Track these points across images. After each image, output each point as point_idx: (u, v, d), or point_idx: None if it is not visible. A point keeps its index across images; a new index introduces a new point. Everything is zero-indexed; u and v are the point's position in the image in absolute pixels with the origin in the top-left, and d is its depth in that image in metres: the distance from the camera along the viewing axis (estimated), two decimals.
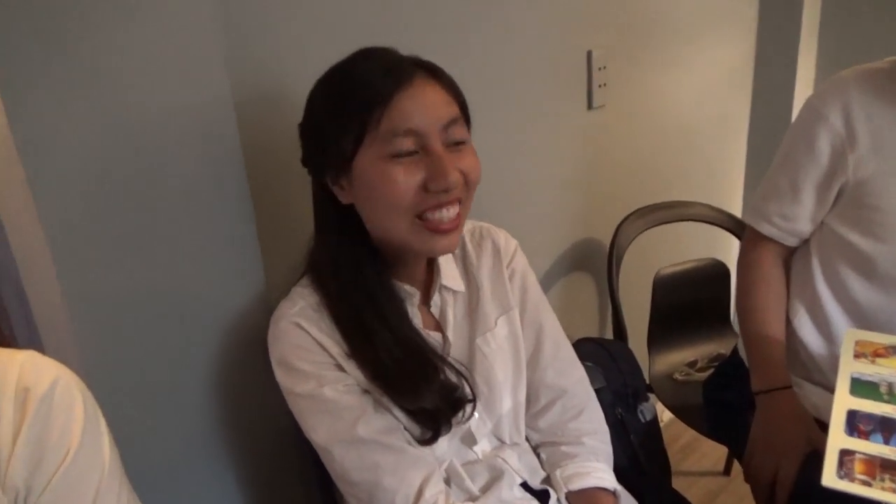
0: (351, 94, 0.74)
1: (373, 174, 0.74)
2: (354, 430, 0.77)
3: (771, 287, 1.09)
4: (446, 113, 0.75)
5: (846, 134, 0.96)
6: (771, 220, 1.07)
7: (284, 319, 0.79)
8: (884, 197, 0.96)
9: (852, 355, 0.90)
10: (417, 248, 0.78)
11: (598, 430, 0.94)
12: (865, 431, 0.78)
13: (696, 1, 1.69)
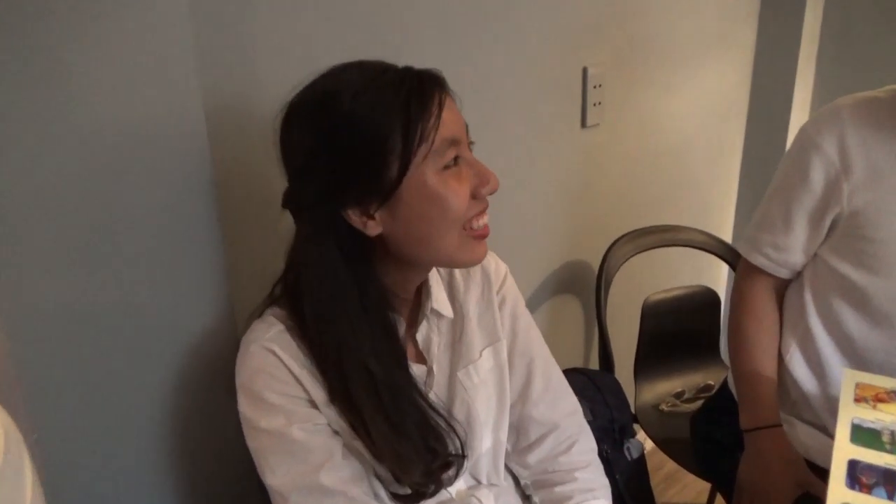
0: (391, 111, 0.67)
1: (430, 192, 0.69)
2: (317, 477, 0.70)
3: (762, 322, 1.06)
4: (463, 119, 0.73)
5: (840, 163, 0.93)
6: (763, 251, 1.04)
7: (256, 343, 0.72)
8: (879, 229, 0.93)
9: (853, 399, 0.85)
10: (465, 259, 0.75)
11: (591, 463, 0.89)
12: (868, 485, 0.73)
13: (695, 24, 1.66)
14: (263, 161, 0.76)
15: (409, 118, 0.66)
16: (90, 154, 0.69)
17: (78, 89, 0.66)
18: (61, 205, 0.68)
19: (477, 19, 1.16)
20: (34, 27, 0.63)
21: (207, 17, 0.82)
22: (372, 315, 0.73)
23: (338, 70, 0.71)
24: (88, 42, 0.66)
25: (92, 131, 0.68)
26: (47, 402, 0.70)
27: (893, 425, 0.80)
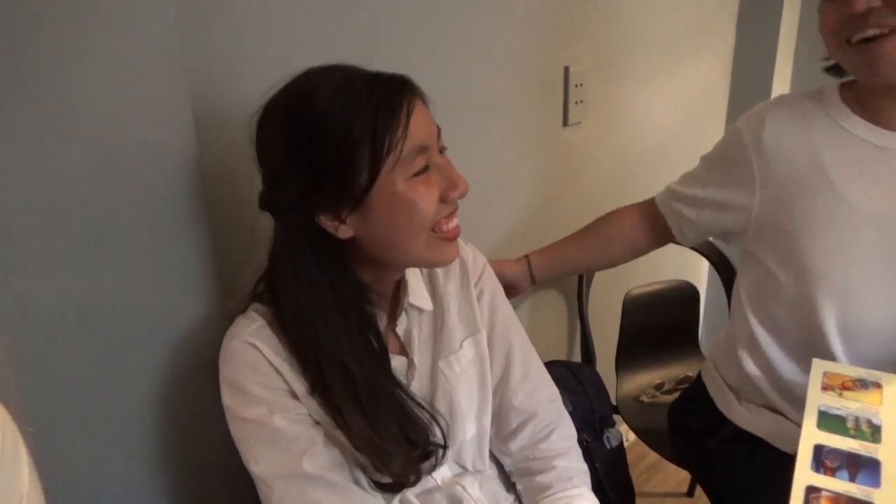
0: (360, 121, 0.68)
1: (399, 198, 0.71)
2: (300, 464, 0.73)
3: (605, 222, 1.27)
4: (435, 123, 0.75)
5: (756, 157, 0.99)
6: (668, 197, 1.16)
7: (238, 338, 0.75)
8: (791, 220, 0.97)
9: (820, 387, 0.89)
10: (433, 260, 0.78)
11: (570, 449, 0.92)
12: (832, 468, 0.76)
13: (675, 23, 1.70)
14: (250, 160, 0.78)
15: (376, 130, 0.68)
16: (81, 156, 0.70)
17: (68, 93, 0.68)
18: (53, 206, 0.69)
19: (459, 20, 1.18)
20: (26, 35, 0.64)
21: (194, 18, 0.84)
22: (347, 313, 0.75)
23: (310, 75, 0.72)
24: (79, 48, 0.67)
25: (82, 134, 0.70)
26: (41, 396, 0.72)
27: (857, 412, 0.84)
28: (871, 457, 0.77)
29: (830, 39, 0.91)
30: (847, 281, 0.96)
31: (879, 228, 0.94)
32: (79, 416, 0.76)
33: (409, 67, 0.76)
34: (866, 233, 0.94)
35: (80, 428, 0.77)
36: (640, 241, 1.23)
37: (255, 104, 0.75)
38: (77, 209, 0.71)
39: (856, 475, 0.75)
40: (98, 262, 0.74)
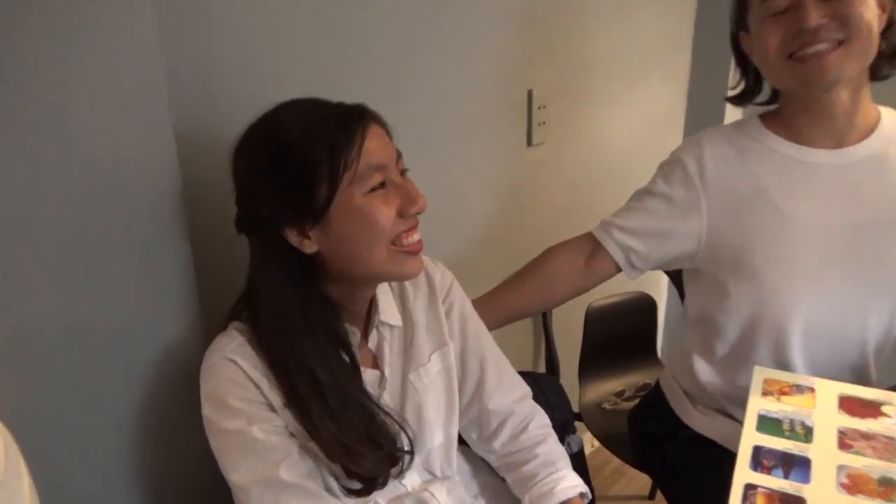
0: (319, 143, 0.75)
1: (357, 212, 0.77)
2: (277, 473, 0.77)
3: (541, 264, 1.23)
4: (393, 147, 0.81)
5: (699, 181, 1.07)
6: (608, 230, 1.17)
7: (219, 353, 0.80)
8: (737, 236, 1.06)
9: (760, 393, 0.97)
10: (396, 273, 0.82)
11: (547, 435, 0.99)
12: (768, 466, 0.83)
13: (633, 47, 1.78)
14: (231, 183, 0.83)
15: (334, 149, 0.75)
16: (65, 178, 0.74)
17: (53, 116, 0.72)
18: (38, 226, 0.73)
19: (428, 50, 1.25)
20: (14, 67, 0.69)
21: (177, 46, 0.89)
22: (316, 327, 0.81)
23: (280, 106, 0.79)
24: (64, 73, 0.72)
25: (65, 157, 0.74)
26: (25, 412, 0.76)
27: (793, 414, 0.92)
28: (804, 456, 0.84)
29: (773, 58, 0.99)
30: (789, 284, 1.05)
31: (812, 234, 1.03)
32: (59, 431, 0.80)
33: (379, 94, 0.83)
34: (802, 239, 1.03)
35: (65, 441, 0.80)
36: (580, 279, 1.20)
37: (235, 134, 0.80)
38: (60, 233, 0.75)
39: (789, 473, 0.82)
40: (80, 281, 0.78)
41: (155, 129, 0.81)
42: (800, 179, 1.04)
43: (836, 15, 0.92)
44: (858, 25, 0.92)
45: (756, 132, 1.08)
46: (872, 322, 1.06)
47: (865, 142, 1.03)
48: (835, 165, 1.03)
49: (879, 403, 0.92)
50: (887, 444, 0.85)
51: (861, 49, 0.95)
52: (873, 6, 0.94)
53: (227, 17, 0.95)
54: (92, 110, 0.75)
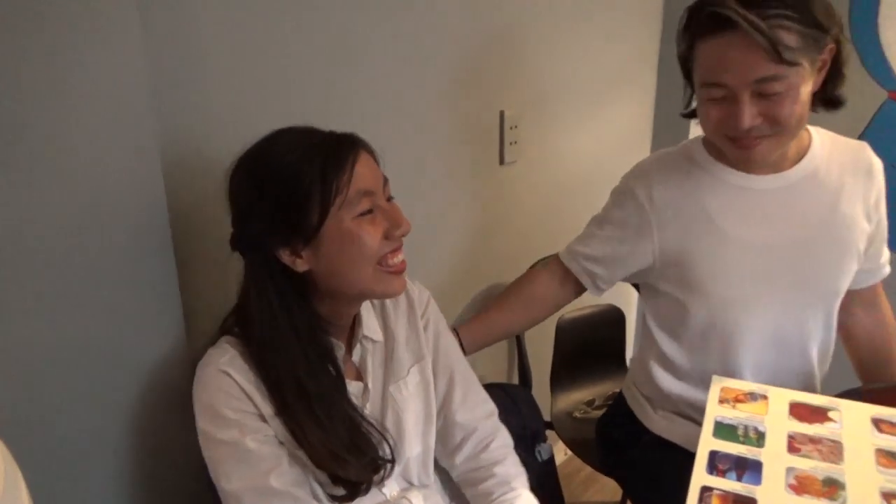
0: (312, 169, 0.80)
1: (346, 234, 0.82)
2: (267, 481, 0.82)
3: (521, 286, 1.34)
4: (381, 174, 0.87)
5: (649, 208, 1.15)
6: (574, 257, 1.26)
7: (213, 366, 0.84)
8: (684, 254, 1.14)
9: (717, 401, 1.03)
10: (380, 291, 0.88)
11: (507, 456, 1.03)
12: (723, 470, 0.90)
13: (600, 68, 1.86)
14: (219, 206, 0.87)
15: (326, 175, 0.80)
16: (54, 205, 0.78)
17: (42, 143, 0.76)
18: (27, 251, 0.77)
19: (403, 75, 1.30)
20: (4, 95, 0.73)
21: (166, 76, 0.93)
22: (304, 340, 0.86)
23: (275, 134, 0.85)
24: (54, 102, 0.76)
25: (54, 181, 0.78)
26: (17, 427, 0.79)
27: (747, 421, 0.98)
28: (756, 459, 0.91)
29: (711, 132, 1.07)
30: (734, 298, 1.13)
31: (750, 251, 1.12)
32: (54, 446, 0.83)
33: (362, 119, 0.88)
34: (745, 257, 1.12)
35: (55, 457, 0.84)
36: (559, 297, 1.33)
37: (223, 161, 0.85)
38: (52, 257, 0.79)
39: (742, 475, 0.89)
40: (68, 303, 0.81)
41: (142, 154, 0.85)
42: (741, 202, 1.12)
43: (768, 114, 0.99)
44: (787, 122, 0.99)
45: (700, 158, 1.15)
46: (810, 328, 1.15)
47: (799, 165, 1.12)
48: (773, 189, 1.11)
49: (826, 409, 0.99)
50: (832, 448, 0.92)
51: (788, 137, 1.04)
52: (804, 92, 0.99)
53: (215, 45, 0.99)
54: (81, 137, 0.79)
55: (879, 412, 0.98)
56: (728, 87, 0.99)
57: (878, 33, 1.82)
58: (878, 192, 1.15)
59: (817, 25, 0.96)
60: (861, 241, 1.13)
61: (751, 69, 0.96)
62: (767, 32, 0.93)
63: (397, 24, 1.27)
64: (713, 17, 0.96)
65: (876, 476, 0.86)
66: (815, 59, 0.99)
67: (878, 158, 1.15)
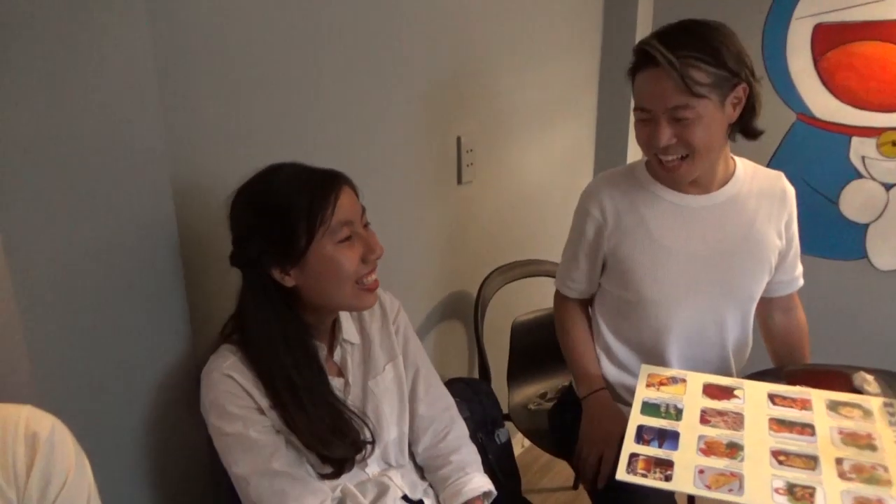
0: (301, 203, 0.95)
1: (328, 258, 0.97)
2: (270, 464, 0.97)
3: (578, 325, 1.46)
4: (360, 205, 1.03)
5: (602, 219, 1.35)
6: (567, 284, 1.45)
7: (217, 371, 0.98)
8: (624, 260, 1.34)
9: (645, 385, 1.22)
10: (357, 306, 1.04)
11: (462, 446, 1.19)
12: (647, 440, 1.08)
13: (545, 94, 2.04)
14: (222, 227, 1.02)
15: (312, 208, 0.96)
16: (84, 232, 0.91)
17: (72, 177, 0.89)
18: (64, 272, 0.90)
19: (368, 105, 1.46)
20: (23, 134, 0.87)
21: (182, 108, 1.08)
22: (294, 344, 1.01)
23: (270, 169, 1.00)
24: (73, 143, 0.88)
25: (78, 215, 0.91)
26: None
27: (668, 400, 1.17)
28: (674, 430, 1.09)
29: (644, 149, 1.28)
30: (665, 300, 1.33)
31: (679, 260, 1.31)
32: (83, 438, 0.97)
33: (336, 147, 1.04)
34: (674, 262, 1.31)
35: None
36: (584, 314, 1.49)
37: (229, 188, 1.00)
38: (80, 275, 0.92)
39: (663, 443, 1.07)
40: (94, 322, 0.95)
41: (156, 190, 1.00)
42: (673, 217, 1.32)
43: (681, 136, 1.19)
44: (698, 146, 1.19)
45: (642, 177, 1.35)
46: (728, 326, 1.36)
47: (725, 187, 1.32)
48: (701, 207, 1.32)
49: (733, 388, 1.19)
50: (736, 419, 1.11)
51: (702, 159, 1.23)
52: (713, 121, 1.18)
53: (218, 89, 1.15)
54: (103, 172, 0.92)
55: (775, 389, 1.18)
56: (650, 112, 1.20)
57: (787, 63, 2.07)
58: (789, 215, 1.35)
59: (727, 69, 1.16)
60: (773, 256, 1.34)
61: (666, 98, 1.17)
62: (679, 69, 1.14)
63: (369, 63, 1.43)
64: (643, 54, 1.19)
65: (768, 439, 1.06)
66: (726, 96, 1.19)
67: (791, 186, 1.36)
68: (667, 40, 1.16)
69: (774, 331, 1.47)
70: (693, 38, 1.16)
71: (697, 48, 1.15)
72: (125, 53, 0.91)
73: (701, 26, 1.18)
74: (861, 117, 2.00)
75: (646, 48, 1.17)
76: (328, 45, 1.33)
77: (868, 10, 1.92)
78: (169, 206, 1.02)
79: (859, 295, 2.13)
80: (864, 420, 1.10)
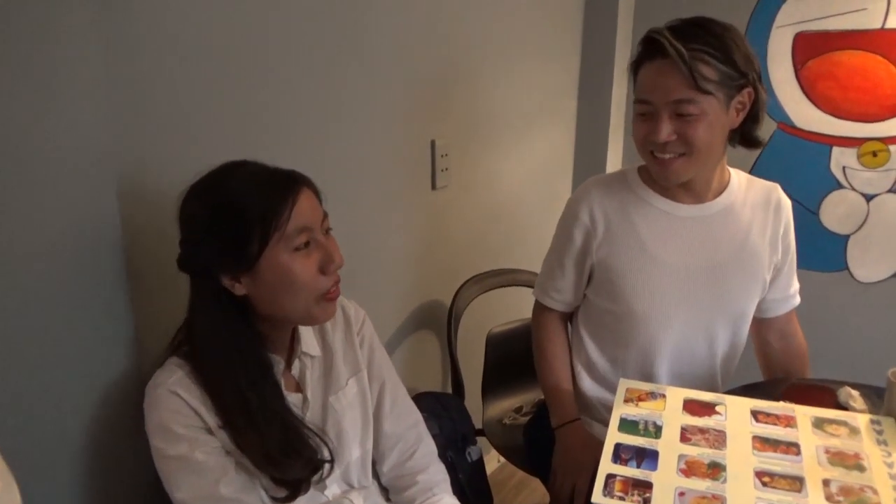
0: (255, 205, 0.88)
1: (281, 268, 0.90)
2: (217, 489, 0.89)
3: (557, 344, 1.40)
4: (321, 210, 0.96)
5: (591, 226, 1.29)
6: (549, 294, 1.38)
7: (162, 387, 0.91)
8: (612, 271, 1.28)
9: (623, 400, 1.17)
10: (316, 318, 0.96)
11: (429, 465, 1.13)
12: (625, 459, 1.02)
13: (525, 99, 2.00)
14: (172, 227, 0.94)
15: (266, 212, 0.88)
16: (19, 227, 0.84)
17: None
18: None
19: (339, 110, 1.40)
20: None
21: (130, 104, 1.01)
22: (247, 356, 0.94)
23: (224, 168, 0.93)
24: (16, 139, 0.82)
25: (17, 214, 0.84)
26: None
27: (647, 416, 1.11)
28: (653, 449, 1.04)
29: (639, 146, 1.23)
30: (655, 313, 1.27)
31: (670, 272, 1.26)
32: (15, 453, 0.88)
33: (303, 148, 0.96)
34: (666, 274, 1.26)
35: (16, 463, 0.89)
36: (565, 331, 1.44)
37: (176, 187, 0.93)
38: (10, 280, 0.85)
39: (641, 463, 1.01)
40: (30, 325, 0.87)
41: (98, 188, 0.92)
42: (665, 226, 1.27)
43: (682, 133, 1.14)
44: (698, 145, 1.15)
45: (635, 185, 1.30)
46: (719, 342, 1.31)
47: (719, 198, 1.28)
48: (695, 217, 1.27)
49: (714, 404, 1.14)
50: (717, 436, 1.06)
51: (699, 160, 1.18)
52: (716, 121, 1.14)
53: (171, 78, 1.07)
54: (40, 165, 0.85)
55: (758, 405, 1.13)
56: (652, 104, 1.15)
57: (768, 72, 2.05)
58: (786, 224, 1.31)
59: (734, 66, 1.13)
60: (767, 271, 1.30)
61: (671, 91, 1.12)
62: (688, 61, 1.10)
63: (336, 61, 1.37)
64: (651, 43, 1.14)
65: (752, 458, 1.01)
66: (731, 96, 1.15)
67: (786, 198, 1.32)
68: (677, 32, 1.13)
69: (773, 358, 1.42)
70: (704, 32, 1.13)
71: (708, 42, 1.12)
72: (70, 46, 0.85)
73: (713, 23, 1.15)
74: (842, 127, 1.98)
75: (655, 37, 1.13)
76: (293, 40, 1.27)
77: (849, 20, 1.91)
78: (112, 206, 0.94)
79: (839, 307, 2.10)
80: (850, 438, 1.05)
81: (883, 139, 1.94)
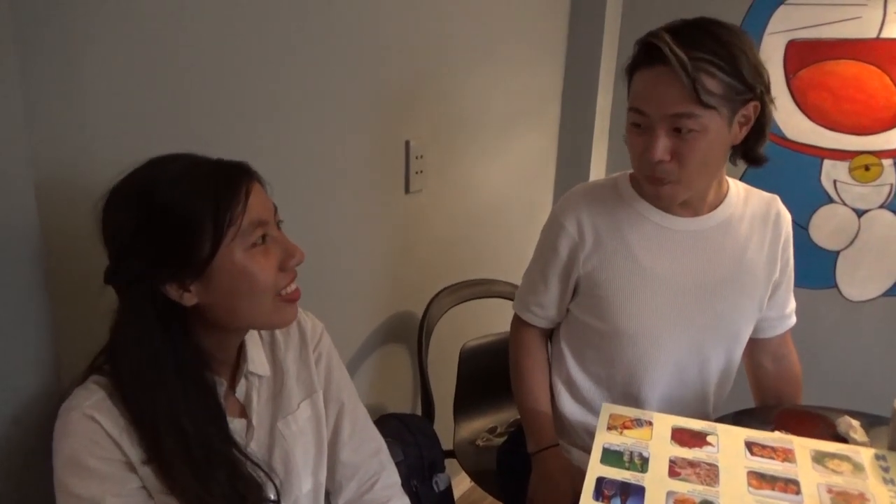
0: (203, 201, 0.76)
1: (238, 268, 0.79)
2: None
3: (536, 363, 1.29)
4: (271, 203, 0.85)
5: (578, 237, 1.19)
6: (530, 309, 1.28)
7: (77, 411, 0.77)
8: (600, 286, 1.18)
9: (606, 427, 1.06)
10: (276, 322, 0.86)
11: (391, 497, 1.01)
12: (609, 496, 0.92)
13: (506, 101, 1.91)
14: (95, 237, 0.82)
15: (218, 205, 0.77)
16: None
17: None
18: None
19: (305, 103, 1.29)
20: None
21: (42, 93, 0.88)
22: (186, 377, 0.81)
23: (156, 161, 0.80)
24: None
25: None
26: None
27: (633, 447, 1.01)
28: (639, 484, 0.94)
29: (636, 162, 1.11)
30: (645, 332, 1.17)
31: (662, 288, 1.16)
32: None
33: (260, 148, 0.86)
34: (658, 291, 1.16)
35: None
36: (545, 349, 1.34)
37: (101, 187, 0.80)
38: None
39: (626, 500, 0.91)
40: None
41: (14, 184, 0.80)
42: (658, 240, 1.17)
43: (678, 152, 1.04)
44: (693, 167, 1.05)
45: (626, 194, 1.20)
46: (712, 365, 1.21)
47: (716, 211, 1.18)
48: (688, 231, 1.17)
49: (705, 434, 1.04)
50: (709, 471, 0.96)
51: (693, 184, 1.09)
52: (717, 139, 1.04)
53: (94, 61, 0.95)
54: None
55: (752, 435, 1.04)
56: (648, 116, 1.04)
57: None
58: (785, 239, 1.22)
59: (741, 79, 1.01)
60: (764, 290, 1.21)
61: (669, 103, 1.01)
62: (691, 72, 0.98)
63: (302, 52, 1.26)
64: (649, 48, 1.02)
65: (747, 497, 0.91)
66: (735, 111, 1.04)
67: (786, 211, 1.23)
68: (679, 37, 1.00)
69: (764, 382, 1.33)
70: (710, 39, 1.00)
71: (714, 51, 0.99)
72: None
73: (719, 27, 1.03)
74: (834, 139, 1.91)
75: (654, 42, 1.01)
76: (250, 26, 1.16)
77: (843, 28, 1.84)
78: (31, 208, 0.82)
79: (827, 326, 2.03)
80: (854, 476, 0.96)
81: (876, 153, 1.87)
